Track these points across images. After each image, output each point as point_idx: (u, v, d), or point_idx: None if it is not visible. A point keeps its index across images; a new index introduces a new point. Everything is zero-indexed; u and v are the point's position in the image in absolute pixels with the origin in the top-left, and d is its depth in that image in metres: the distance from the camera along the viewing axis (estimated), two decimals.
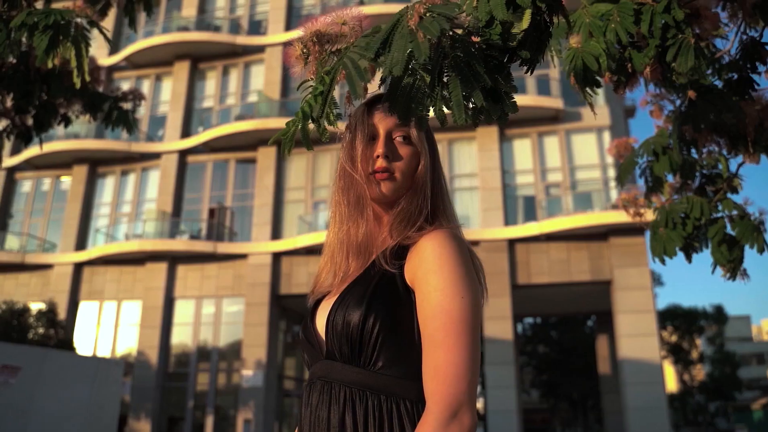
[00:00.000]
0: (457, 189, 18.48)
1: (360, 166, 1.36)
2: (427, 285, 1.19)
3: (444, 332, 1.14)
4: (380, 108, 1.42)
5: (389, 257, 1.28)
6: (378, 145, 1.37)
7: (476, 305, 1.18)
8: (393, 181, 1.35)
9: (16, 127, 4.84)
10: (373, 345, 1.21)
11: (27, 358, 9.68)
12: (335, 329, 1.24)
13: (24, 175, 21.93)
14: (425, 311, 1.18)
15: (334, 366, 1.24)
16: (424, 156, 1.38)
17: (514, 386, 16.40)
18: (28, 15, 2.91)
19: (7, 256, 20.00)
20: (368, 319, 1.21)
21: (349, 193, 1.38)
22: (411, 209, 1.33)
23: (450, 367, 1.12)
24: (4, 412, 9.07)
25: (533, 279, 16.90)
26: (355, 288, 1.28)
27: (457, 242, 1.24)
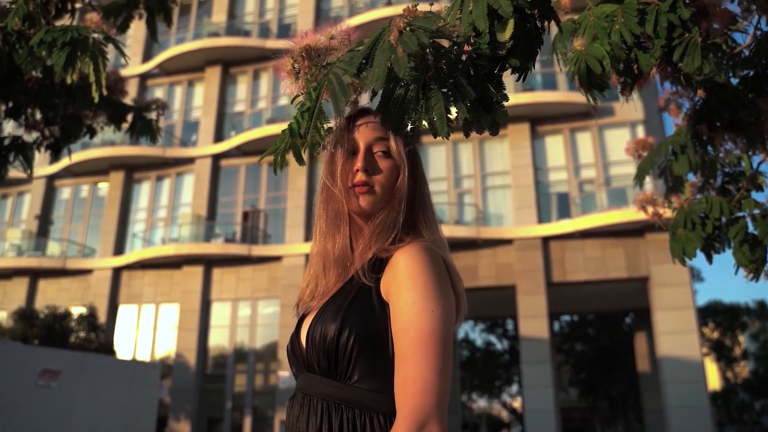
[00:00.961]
0: (489, 187, 18.38)
1: (339, 180, 1.37)
2: (399, 299, 1.20)
3: (413, 346, 1.15)
4: (361, 122, 1.43)
5: (367, 270, 1.29)
6: (358, 159, 1.37)
7: (447, 319, 1.19)
8: (372, 194, 1.36)
9: (45, 138, 4.96)
10: (348, 359, 1.22)
11: (66, 362, 9.91)
12: (313, 343, 1.26)
13: (63, 182, 22.46)
14: (397, 325, 1.19)
15: (313, 379, 1.27)
16: (404, 169, 1.38)
17: (551, 385, 16.21)
18: (46, 32, 2.98)
19: (48, 262, 20.49)
20: (343, 333, 1.22)
21: (328, 207, 1.40)
22: (388, 222, 1.34)
23: (418, 380, 1.12)
24: (47, 414, 9.31)
25: (568, 277, 16.70)
26: (334, 302, 1.29)
27: (430, 255, 1.24)
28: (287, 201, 19.75)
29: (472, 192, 18.46)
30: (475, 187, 18.44)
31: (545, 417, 15.89)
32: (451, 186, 18.60)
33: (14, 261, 20.47)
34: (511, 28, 1.34)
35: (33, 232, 21.64)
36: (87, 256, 21.10)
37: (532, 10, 1.42)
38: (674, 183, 3.08)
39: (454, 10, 1.37)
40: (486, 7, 1.28)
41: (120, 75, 4.58)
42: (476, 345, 34.42)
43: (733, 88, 2.45)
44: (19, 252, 21.16)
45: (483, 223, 17.89)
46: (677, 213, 2.88)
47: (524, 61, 1.46)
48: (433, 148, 19.10)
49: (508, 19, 1.34)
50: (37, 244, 21.43)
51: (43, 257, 20.82)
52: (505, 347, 33.03)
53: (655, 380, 17.84)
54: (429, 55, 1.29)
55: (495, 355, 33.66)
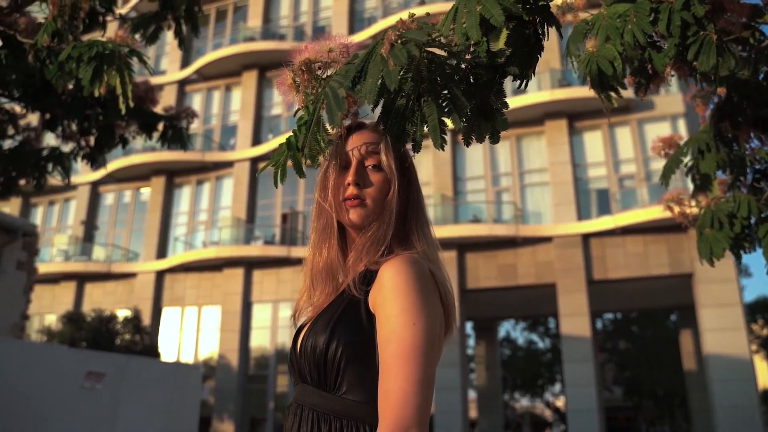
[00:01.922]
0: (527, 185, 18.21)
1: (331, 194, 1.40)
2: (383, 311, 1.22)
3: (395, 358, 1.16)
4: (353, 136, 1.44)
5: (357, 283, 1.31)
6: (349, 173, 1.39)
7: (429, 331, 1.19)
8: (364, 207, 1.37)
9: (81, 149, 5.10)
10: (336, 370, 1.25)
11: (110, 365, 10.14)
12: (305, 354, 1.29)
13: (107, 188, 22.99)
14: (381, 337, 1.21)
15: (306, 389, 1.30)
16: (395, 182, 1.39)
17: (593, 384, 15.97)
18: (73, 48, 3.07)
19: (94, 266, 21.00)
20: (331, 345, 1.25)
21: (319, 221, 1.43)
22: (378, 235, 1.35)
23: (399, 392, 1.13)
24: (93, 415, 9.54)
25: (610, 274, 16.44)
26: (325, 314, 1.32)
27: (415, 268, 1.25)
28: None
29: (510, 190, 18.31)
30: (513, 184, 18.29)
31: (588, 416, 15.66)
32: (488, 184, 18.48)
33: (62, 266, 21.04)
34: (504, 37, 1.33)
35: (79, 238, 22.22)
36: (131, 260, 21.57)
37: (530, 16, 1.41)
38: (702, 181, 3.01)
39: (448, 21, 1.37)
40: (478, 17, 1.27)
41: (150, 85, 4.67)
42: (518, 344, 34.14)
43: (756, 84, 2.38)
44: (66, 257, 21.75)
45: (522, 221, 17.73)
46: (704, 212, 2.81)
47: (524, 68, 1.45)
48: (470, 148, 18.98)
49: (501, 29, 1.33)
50: (83, 249, 22.00)
51: (89, 262, 21.35)
52: (547, 346, 32.68)
53: (702, 379, 17.43)
54: (423, 66, 1.29)
55: (537, 354, 33.32)
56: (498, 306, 21.52)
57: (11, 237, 12.79)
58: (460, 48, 1.37)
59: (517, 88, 1.55)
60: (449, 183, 18.55)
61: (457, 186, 18.74)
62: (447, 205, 18.42)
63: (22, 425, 8.51)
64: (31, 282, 13.53)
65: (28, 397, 8.68)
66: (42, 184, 5.24)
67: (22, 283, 13.11)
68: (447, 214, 18.33)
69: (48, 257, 21.92)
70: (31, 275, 13.39)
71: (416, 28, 1.28)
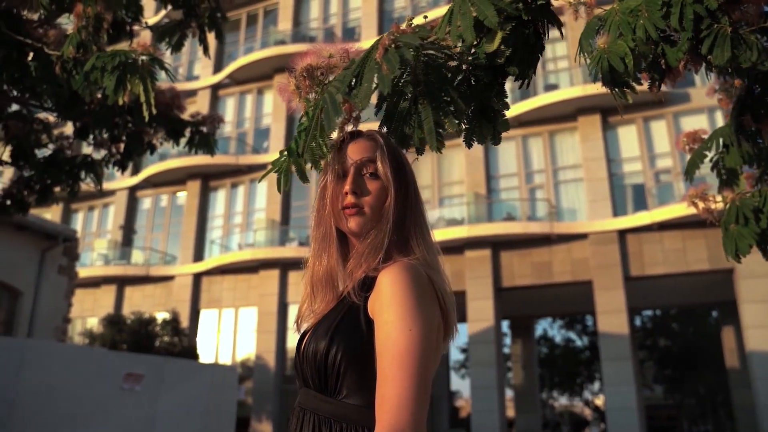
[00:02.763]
0: (561, 182, 18.01)
1: (330, 203, 1.42)
2: (381, 318, 1.23)
3: (391, 364, 1.18)
4: (350, 145, 1.45)
5: (357, 289, 1.33)
6: (347, 181, 1.41)
7: (426, 337, 1.21)
8: (362, 215, 1.39)
9: (112, 156, 5.21)
10: (336, 375, 1.27)
11: (149, 366, 10.33)
12: (307, 359, 1.32)
13: (144, 193, 23.41)
14: (379, 343, 1.23)
15: (309, 394, 1.32)
16: (391, 190, 1.40)
17: (633, 382, 15.71)
18: (97, 58, 3.14)
19: (133, 270, 21.41)
20: (331, 350, 1.27)
21: (318, 229, 1.46)
22: (376, 242, 1.37)
23: (395, 398, 1.15)
24: (132, 416, 9.74)
25: (647, 270, 16.15)
26: (326, 320, 1.35)
27: (412, 274, 1.26)
28: None
29: (544, 187, 18.13)
30: (546, 181, 18.11)
31: (628, 415, 15.41)
32: (522, 181, 18.34)
33: (102, 270, 21.50)
34: (499, 38, 1.32)
35: (118, 242, 22.67)
36: (168, 263, 21.92)
37: (529, 16, 1.40)
38: (728, 176, 2.95)
39: (444, 24, 1.37)
40: (472, 19, 1.27)
41: (176, 92, 4.75)
42: (555, 342, 33.74)
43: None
44: (106, 261, 22.22)
45: (556, 218, 17.54)
46: (729, 208, 2.75)
47: (524, 68, 1.44)
48: (503, 145, 18.87)
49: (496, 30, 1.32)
50: (123, 253, 22.45)
51: (128, 265, 21.78)
52: (585, 343, 32.25)
53: (745, 376, 17.05)
54: (419, 69, 1.29)
55: (575, 352, 32.90)
56: (534, 304, 21.33)
57: (52, 242, 13.11)
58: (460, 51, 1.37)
59: (519, 88, 1.55)
60: (482, 181, 18.45)
61: (490, 184, 18.62)
62: (480, 203, 18.33)
63: (65, 425, 8.73)
64: (72, 286, 13.84)
65: (69, 397, 8.89)
66: (76, 191, 5.37)
67: (63, 288, 13.43)
68: (480, 213, 18.24)
69: (89, 262, 22.42)
70: (72, 280, 13.71)
71: (411, 33, 1.28)
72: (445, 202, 19.31)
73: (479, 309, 17.27)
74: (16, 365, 8.29)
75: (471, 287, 17.50)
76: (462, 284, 17.78)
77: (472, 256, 17.70)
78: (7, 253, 12.31)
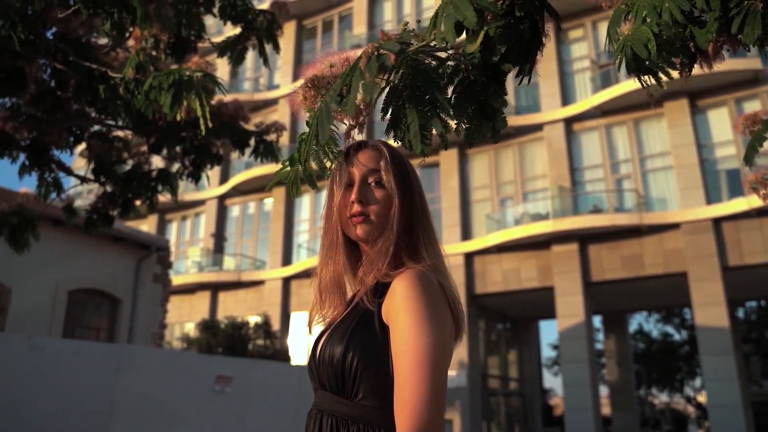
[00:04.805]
0: (649, 170, 17.37)
1: (337, 212, 1.48)
2: (397, 324, 1.28)
3: (410, 369, 1.23)
4: (356, 155, 1.51)
5: (369, 296, 1.39)
6: (353, 191, 1.46)
7: (440, 342, 1.26)
8: (369, 223, 1.44)
9: (185, 168, 5.45)
10: (353, 378, 1.32)
11: (238, 369, 10.70)
12: (323, 363, 1.38)
13: (232, 201, 24.23)
14: (395, 348, 1.27)
15: (326, 396, 1.38)
16: (395, 198, 1.44)
17: (736, 377, 14.93)
18: (153, 77, 3.31)
19: (225, 276, 22.20)
20: (347, 355, 1.33)
21: (326, 238, 1.52)
22: (383, 248, 1.42)
23: (415, 401, 1.20)
24: (223, 417, 10.11)
25: (747, 259, 15.32)
26: (341, 325, 1.41)
27: (424, 281, 1.31)
28: (441, 202, 19.91)
29: (631, 177, 17.55)
30: (633, 171, 17.52)
31: (732, 412, 14.67)
32: (608, 172, 17.82)
33: (196, 277, 22.41)
34: (479, 39, 1.32)
35: (210, 249, 23.58)
36: (258, 268, 22.60)
37: (522, 11, 1.39)
38: None
39: (430, 27, 1.39)
40: (453, 21, 1.28)
41: (240, 103, 4.93)
42: (652, 337, 32.44)
43: None
44: (200, 268, 23.16)
45: (645, 208, 16.93)
46: None
47: (521, 65, 1.42)
48: (586, 135, 18.41)
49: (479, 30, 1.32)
50: (215, 260, 23.33)
51: (221, 271, 22.60)
52: (684, 338, 30.85)
53: None
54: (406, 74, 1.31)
55: (673, 347, 31.52)
56: (626, 298, 20.65)
57: (146, 252, 13.80)
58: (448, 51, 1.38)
59: (518, 84, 1.53)
60: (566, 174, 18.05)
61: (574, 176, 18.20)
62: (565, 196, 17.94)
63: (160, 425, 9.17)
64: (167, 293, 14.51)
65: (164, 399, 9.34)
66: (154, 204, 5.66)
67: (158, 295, 14.11)
68: (566, 206, 17.85)
69: (183, 269, 23.43)
70: (166, 287, 14.37)
71: (393, 40, 1.30)
72: (528, 197, 19.02)
73: (568, 304, 16.91)
74: (114, 369, 8.78)
75: (559, 282, 17.16)
76: (550, 280, 17.46)
77: (559, 251, 17.35)
78: (106, 263, 13.05)
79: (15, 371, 7.81)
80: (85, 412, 8.39)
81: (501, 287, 18.32)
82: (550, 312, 19.13)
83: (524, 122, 19.01)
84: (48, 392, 8.03)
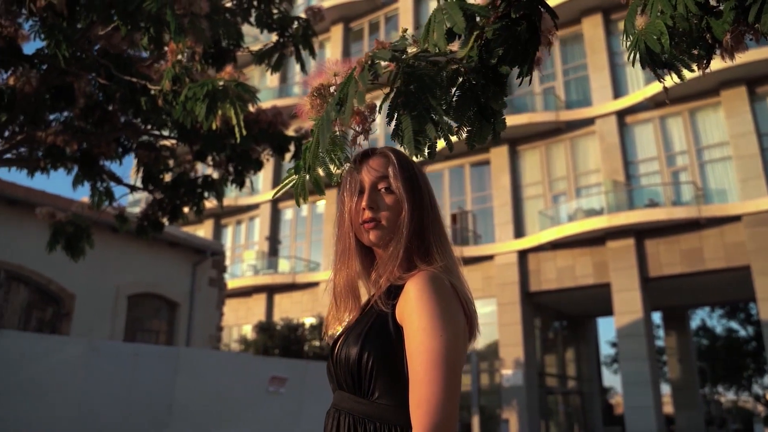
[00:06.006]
0: (706, 162, 16.86)
1: (349, 218, 1.53)
2: (411, 325, 1.32)
3: (425, 368, 1.27)
4: (365, 163, 1.55)
5: (383, 298, 1.43)
6: (364, 197, 1.50)
7: (454, 341, 1.30)
8: (380, 229, 1.48)
9: (229, 174, 5.59)
10: (368, 378, 1.37)
11: (292, 370, 10.88)
12: (340, 364, 1.42)
13: (285, 204, 24.57)
14: (410, 348, 1.31)
15: (343, 396, 1.43)
16: (404, 203, 1.48)
17: None
18: (188, 89, 3.41)
19: (280, 278, 22.53)
20: (363, 355, 1.37)
21: (338, 244, 1.57)
22: (394, 252, 1.46)
23: (431, 399, 1.24)
24: (278, 417, 10.30)
25: None
26: (356, 327, 1.45)
27: (436, 283, 1.35)
28: (493, 200, 19.78)
29: (688, 169, 17.07)
30: (690, 163, 17.03)
31: None
32: (663, 165, 17.38)
33: (252, 279, 22.82)
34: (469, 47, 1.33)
35: (265, 252, 23.97)
36: (312, 269, 22.87)
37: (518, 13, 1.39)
38: None
39: (423, 34, 1.41)
40: (444, 28, 1.29)
41: (278, 109, 5.02)
42: (716, 333, 31.39)
43: None
44: (255, 271, 23.58)
45: (704, 201, 16.44)
46: None
47: (519, 66, 1.43)
48: (639, 128, 17.99)
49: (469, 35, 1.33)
50: (270, 263, 23.71)
51: (276, 274, 22.95)
52: (751, 334, 29.72)
53: None
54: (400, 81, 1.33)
55: (739, 343, 30.41)
56: (686, 293, 20.07)
57: (202, 257, 14.14)
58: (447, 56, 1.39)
59: (519, 85, 1.54)
60: (620, 168, 17.69)
61: (628, 170, 17.82)
62: (619, 191, 17.58)
63: (216, 425, 9.40)
64: (222, 296, 14.83)
65: (220, 400, 9.56)
66: (201, 209, 5.82)
67: (214, 298, 14.43)
68: (620, 201, 17.49)
69: (239, 272, 23.89)
70: (221, 290, 14.69)
71: (386, 48, 1.33)
72: (581, 193, 18.71)
73: (626, 301, 16.56)
74: (171, 371, 9.04)
75: (615, 279, 16.83)
76: (605, 276, 17.14)
77: (615, 247, 17.01)
78: (164, 268, 13.43)
79: (77, 373, 8.12)
80: (144, 413, 8.67)
81: (556, 285, 18.09)
82: (607, 309, 18.78)
83: (575, 117, 18.71)
84: (108, 393, 8.33)
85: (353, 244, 1.54)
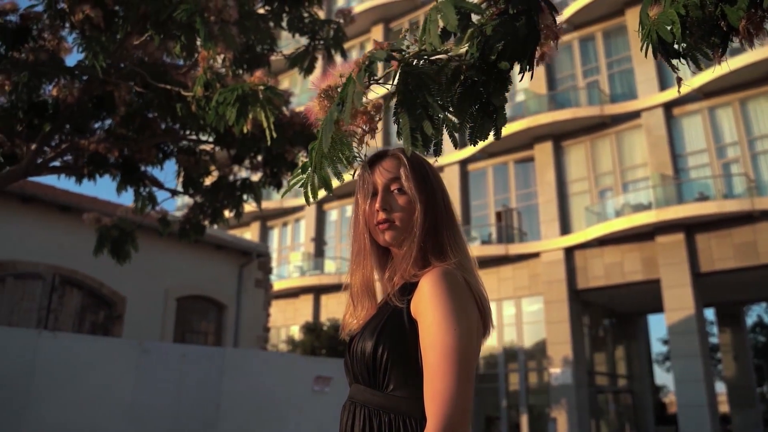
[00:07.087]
0: (759, 152, 16.36)
1: (364, 220, 1.58)
2: (425, 319, 1.36)
3: (439, 361, 1.31)
4: (378, 165, 1.60)
5: (398, 294, 1.47)
6: (377, 199, 1.55)
7: (467, 336, 1.34)
8: (394, 229, 1.53)
9: (267, 177, 5.69)
10: (383, 371, 1.41)
11: (337, 369, 10.98)
12: (356, 358, 1.47)
13: (330, 205, 24.78)
14: (425, 342, 1.36)
15: (359, 389, 1.48)
16: (416, 203, 1.53)
17: None
18: (219, 94, 3.50)
19: (327, 279, 22.71)
20: (378, 348, 1.42)
21: (354, 245, 1.62)
22: (408, 251, 1.50)
23: (445, 391, 1.28)
24: (323, 415, 10.41)
25: None
26: (371, 322, 1.50)
27: (449, 279, 1.39)
28: (538, 197, 19.58)
29: (740, 160, 16.59)
30: (742, 154, 16.56)
31: None
32: (713, 157, 16.93)
33: (299, 281, 23.07)
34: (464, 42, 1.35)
35: (311, 254, 24.21)
36: None
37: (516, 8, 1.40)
38: None
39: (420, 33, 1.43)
40: (438, 27, 1.32)
41: None
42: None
43: None
44: (301, 272, 23.84)
45: (757, 193, 15.96)
46: None
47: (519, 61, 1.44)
48: (687, 120, 17.57)
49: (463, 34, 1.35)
50: (316, 264, 23.94)
51: (322, 275, 23.15)
52: None
53: None
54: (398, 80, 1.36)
55: None
56: (740, 289, 19.48)
57: (248, 259, 14.38)
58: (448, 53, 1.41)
59: (520, 80, 1.55)
60: (668, 161, 17.31)
61: (677, 163, 17.42)
62: (668, 185, 17.20)
63: (263, 425, 9.56)
64: (269, 297, 15.05)
65: (266, 399, 9.72)
66: (240, 212, 5.94)
67: (261, 299, 14.66)
68: (669, 195, 17.11)
69: (286, 274, 24.18)
70: (267, 291, 14.91)
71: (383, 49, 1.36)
72: (629, 187, 18.36)
73: (677, 297, 16.20)
74: (218, 372, 9.23)
75: (665, 274, 16.47)
76: (655, 272, 16.80)
77: (664, 242, 16.65)
78: (211, 270, 13.71)
79: (129, 373, 8.37)
80: (194, 412, 8.88)
81: (604, 281, 17.80)
82: (657, 305, 18.39)
83: (620, 110, 18.38)
84: (159, 393, 8.56)
85: (368, 244, 1.58)
